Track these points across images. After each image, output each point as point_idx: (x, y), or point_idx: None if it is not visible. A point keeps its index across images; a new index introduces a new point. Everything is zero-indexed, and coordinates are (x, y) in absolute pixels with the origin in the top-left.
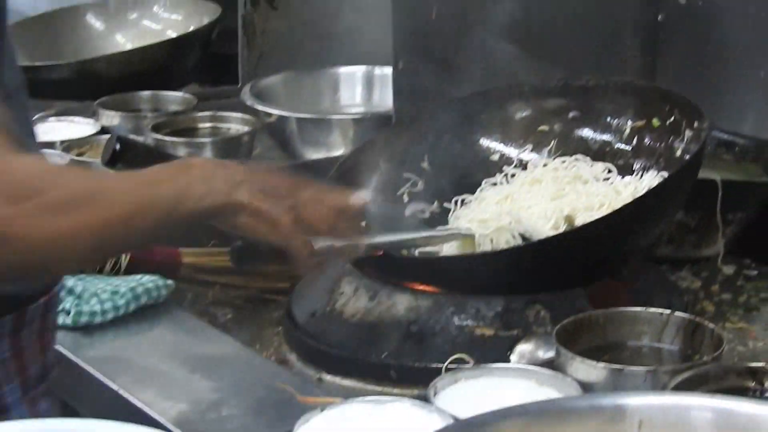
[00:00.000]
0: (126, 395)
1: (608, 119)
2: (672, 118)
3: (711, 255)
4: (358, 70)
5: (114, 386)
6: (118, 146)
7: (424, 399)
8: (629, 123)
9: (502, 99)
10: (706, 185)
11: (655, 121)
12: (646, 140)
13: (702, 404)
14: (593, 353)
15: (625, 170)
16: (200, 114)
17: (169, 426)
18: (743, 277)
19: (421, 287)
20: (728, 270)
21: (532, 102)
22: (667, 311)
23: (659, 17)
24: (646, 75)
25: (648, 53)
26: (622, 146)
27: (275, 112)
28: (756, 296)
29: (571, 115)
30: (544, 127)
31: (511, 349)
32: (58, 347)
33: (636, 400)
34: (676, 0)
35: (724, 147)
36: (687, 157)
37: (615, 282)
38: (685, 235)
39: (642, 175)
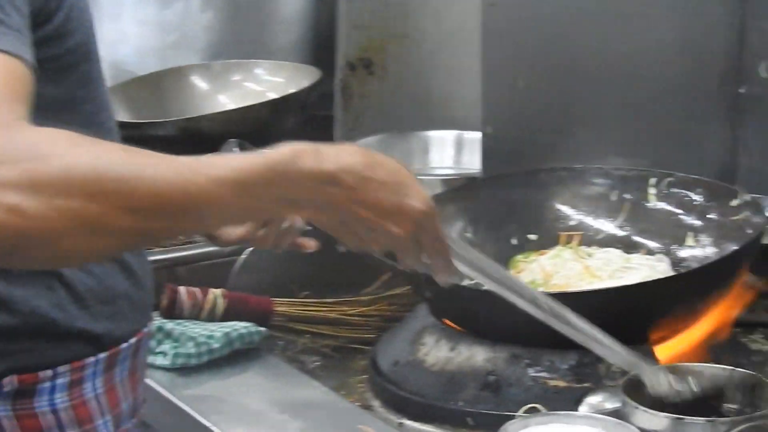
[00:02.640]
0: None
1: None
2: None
3: None
4: (449, 134)
5: (207, 423)
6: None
7: None
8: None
9: (571, 176)
10: None
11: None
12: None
13: None
14: (657, 404)
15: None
16: None
17: None
18: None
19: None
20: None
21: (608, 180)
22: (729, 367)
23: (741, 90)
24: (729, 146)
25: (731, 125)
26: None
27: None
28: None
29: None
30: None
31: (581, 398)
32: (156, 386)
33: None
34: (757, 73)
35: None
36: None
37: (683, 339)
38: (757, 299)
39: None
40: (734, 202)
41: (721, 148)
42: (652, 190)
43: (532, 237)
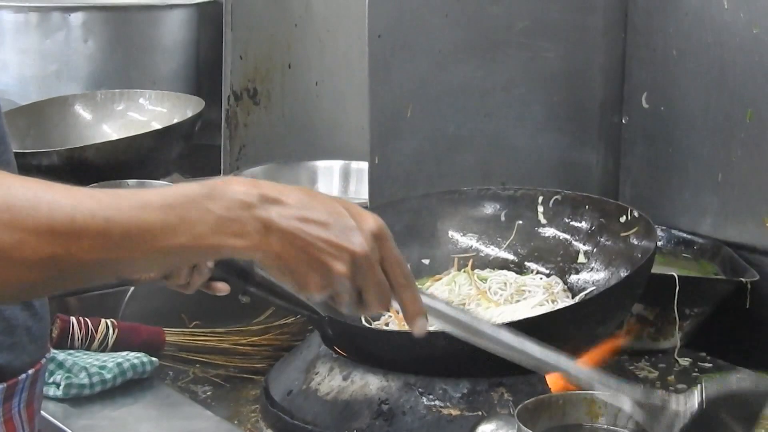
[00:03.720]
0: None
1: (568, 221)
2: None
3: (668, 348)
4: (336, 164)
5: None
6: None
7: None
8: (585, 229)
9: (461, 199)
10: (665, 281)
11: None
12: (603, 240)
13: None
14: None
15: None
16: None
17: None
18: (698, 369)
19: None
20: (684, 362)
21: (497, 203)
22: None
23: (623, 119)
24: (610, 176)
25: (612, 153)
26: (581, 246)
27: None
28: None
29: (531, 216)
30: (506, 224)
31: (474, 427)
32: (49, 417)
33: None
34: (640, 104)
35: (683, 245)
36: (640, 256)
37: None
38: (644, 327)
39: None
40: (623, 219)
41: (605, 176)
42: (540, 209)
43: (425, 262)
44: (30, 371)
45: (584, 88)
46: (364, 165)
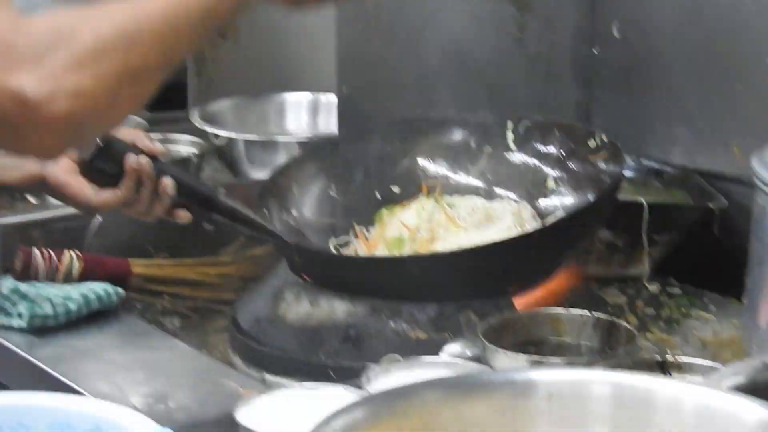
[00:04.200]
0: (77, 387)
1: (537, 146)
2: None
3: (637, 274)
4: (304, 97)
5: (65, 380)
6: (100, 143)
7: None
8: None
9: (431, 126)
10: (634, 208)
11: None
12: (572, 166)
13: (603, 379)
14: (516, 348)
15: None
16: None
17: None
18: (667, 295)
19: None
20: (653, 288)
21: (466, 130)
22: (586, 312)
23: (595, 50)
24: (582, 107)
25: (584, 84)
26: (550, 171)
27: (224, 134)
28: (677, 311)
29: (500, 142)
30: (476, 151)
31: (440, 350)
32: (13, 347)
33: (545, 375)
34: (611, 33)
35: (653, 174)
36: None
37: (542, 294)
38: (613, 254)
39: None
40: (592, 143)
41: (577, 108)
42: (510, 136)
43: (395, 189)
44: None
45: (555, 18)
46: (332, 97)
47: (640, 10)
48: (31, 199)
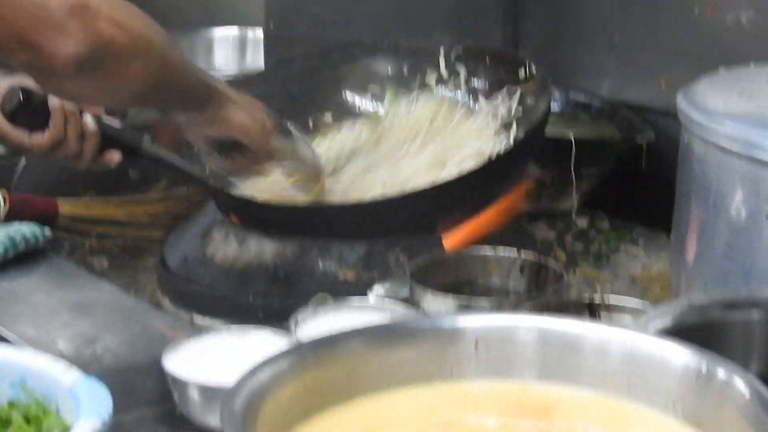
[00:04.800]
0: (6, 334)
1: (464, 80)
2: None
3: (566, 209)
4: (232, 32)
5: None
6: (21, 97)
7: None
8: (484, 85)
9: (362, 53)
10: (561, 143)
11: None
12: (499, 100)
13: (529, 324)
14: (445, 289)
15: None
16: None
17: None
18: (595, 230)
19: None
20: (582, 223)
21: (392, 59)
22: (515, 253)
23: None
24: (508, 40)
25: (510, 18)
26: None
27: None
28: (606, 245)
29: (428, 74)
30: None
31: (369, 289)
32: None
33: (472, 321)
34: None
35: (581, 108)
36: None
37: (471, 231)
38: (541, 189)
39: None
40: (521, 73)
41: (504, 41)
42: (441, 62)
43: (327, 118)
44: None
45: None
46: (260, 33)
47: None
48: None
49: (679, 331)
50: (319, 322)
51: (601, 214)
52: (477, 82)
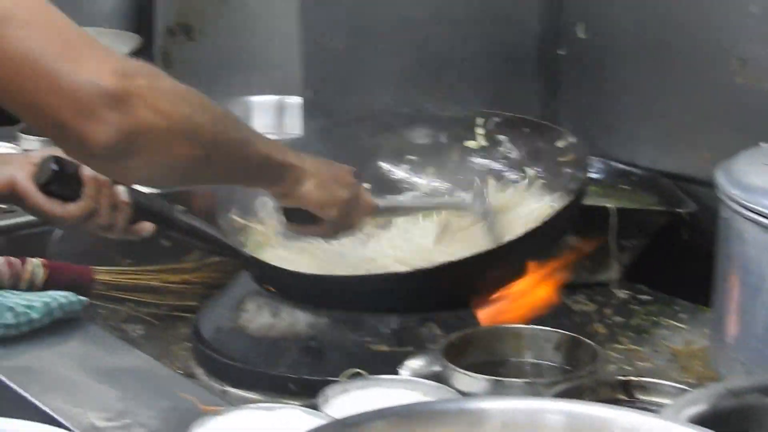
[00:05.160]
0: (36, 402)
1: (502, 149)
2: (562, 151)
3: (606, 280)
4: (270, 99)
5: (25, 394)
6: (54, 168)
7: (316, 408)
8: (521, 154)
9: (399, 122)
10: (602, 213)
11: (544, 152)
12: (537, 170)
13: (557, 408)
14: (478, 367)
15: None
16: None
17: None
18: (636, 302)
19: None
20: (622, 295)
21: (430, 128)
22: (548, 329)
23: (560, 51)
24: (547, 107)
25: (549, 85)
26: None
27: None
28: (647, 319)
29: (465, 143)
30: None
31: (401, 364)
32: None
33: (499, 404)
34: (576, 34)
35: (621, 177)
36: (572, 187)
37: (506, 302)
38: (580, 260)
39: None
40: (560, 143)
41: (543, 110)
42: (480, 131)
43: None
44: None
45: (520, 20)
46: (298, 100)
47: (604, 9)
48: None
49: (715, 417)
50: (348, 398)
51: (642, 286)
52: (514, 152)
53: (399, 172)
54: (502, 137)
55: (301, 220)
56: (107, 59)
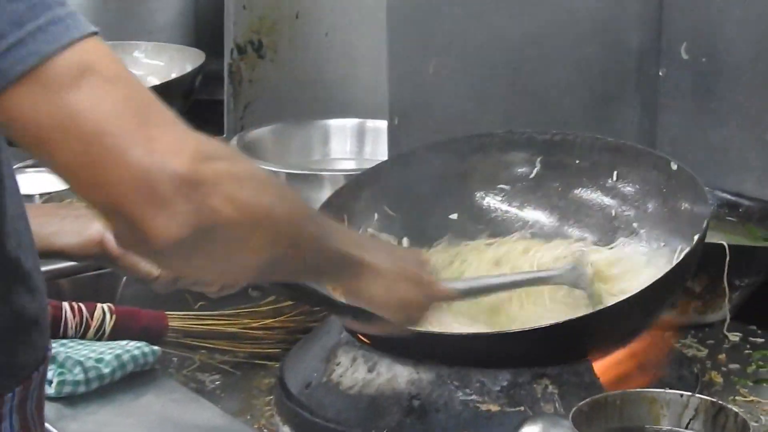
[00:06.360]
0: None
1: (608, 181)
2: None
3: (715, 321)
4: (350, 123)
5: None
6: None
7: None
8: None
9: (493, 146)
10: (713, 250)
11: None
12: (649, 206)
13: None
14: None
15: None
16: None
17: None
18: (750, 345)
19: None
20: (734, 337)
21: (525, 153)
22: (687, 393)
23: (661, 72)
24: (647, 131)
25: (649, 109)
26: (624, 210)
27: (264, 166)
28: (765, 366)
29: (568, 172)
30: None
31: (517, 427)
32: None
33: None
34: (678, 55)
35: (728, 207)
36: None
37: (623, 356)
38: (690, 301)
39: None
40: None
41: (641, 134)
42: (577, 157)
43: (453, 216)
44: (41, 367)
45: (618, 39)
46: (380, 123)
47: (711, 29)
48: None
49: None
50: None
51: (753, 326)
52: (621, 182)
53: (493, 201)
54: (605, 163)
55: (366, 317)
56: (186, 139)
